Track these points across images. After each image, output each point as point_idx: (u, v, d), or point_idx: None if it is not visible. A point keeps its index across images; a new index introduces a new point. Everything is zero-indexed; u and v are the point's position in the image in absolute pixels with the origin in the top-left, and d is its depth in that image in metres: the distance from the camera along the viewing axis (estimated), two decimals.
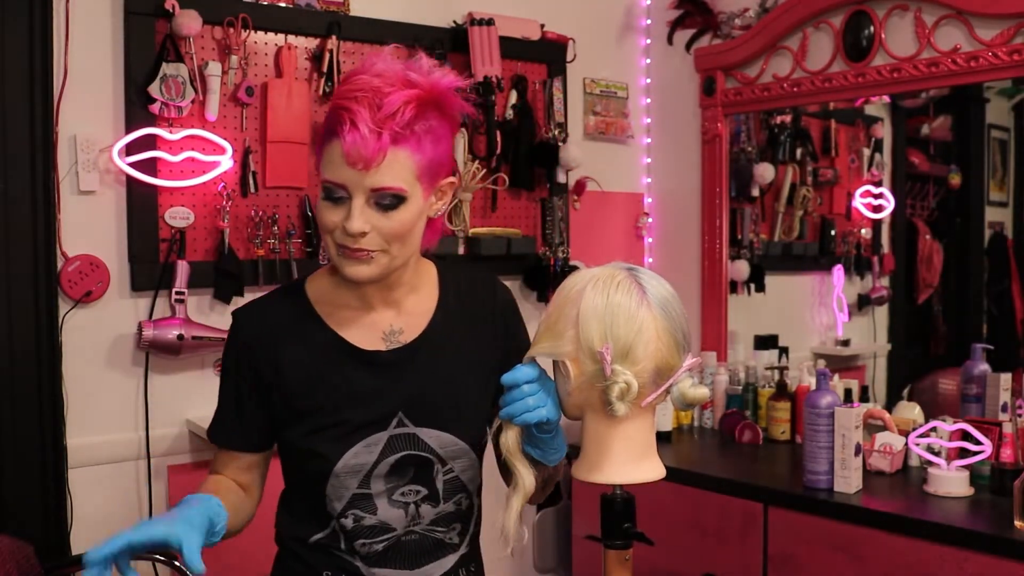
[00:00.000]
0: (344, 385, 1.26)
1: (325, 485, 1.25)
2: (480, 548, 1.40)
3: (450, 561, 1.32)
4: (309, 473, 1.27)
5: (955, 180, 2.95)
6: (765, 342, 3.01)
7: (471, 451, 1.31)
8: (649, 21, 3.22)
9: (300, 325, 1.29)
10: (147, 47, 2.18)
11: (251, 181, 2.33)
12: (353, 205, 1.17)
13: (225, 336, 2.21)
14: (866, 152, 3.08)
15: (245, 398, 1.30)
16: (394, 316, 1.30)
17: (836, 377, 2.61)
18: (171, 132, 2.21)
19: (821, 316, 3.14)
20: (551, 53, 2.92)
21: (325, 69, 2.42)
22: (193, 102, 2.22)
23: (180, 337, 2.17)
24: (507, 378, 1.13)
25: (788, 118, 3.09)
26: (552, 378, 1.16)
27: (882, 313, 3.12)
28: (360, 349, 1.28)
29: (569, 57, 2.96)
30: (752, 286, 3.08)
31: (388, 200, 1.17)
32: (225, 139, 2.27)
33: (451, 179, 1.28)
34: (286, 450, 1.31)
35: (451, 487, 1.30)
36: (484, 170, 2.71)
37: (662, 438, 2.71)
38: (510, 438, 1.15)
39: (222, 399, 1.35)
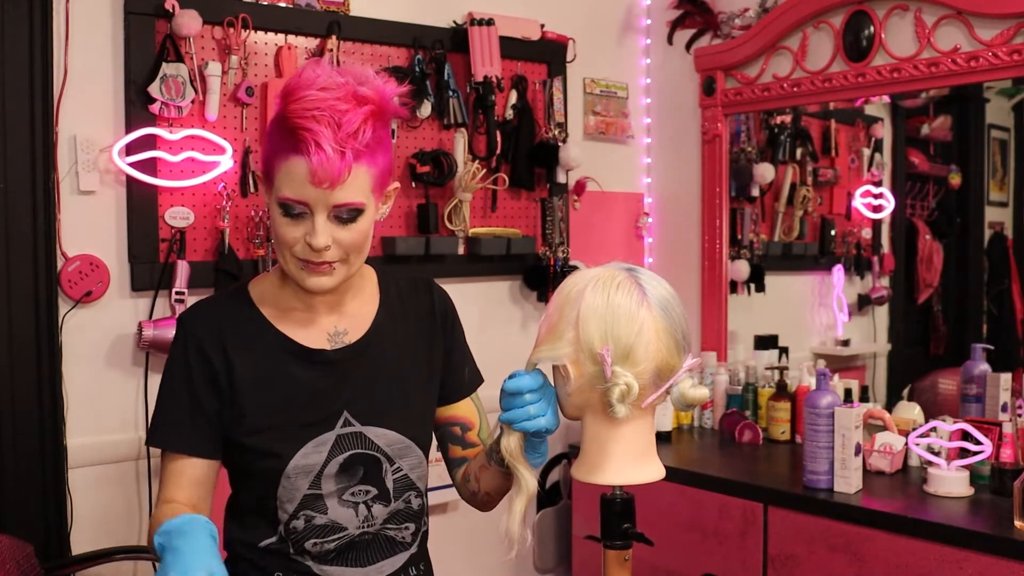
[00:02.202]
0: (292, 384, 1.28)
1: (276, 487, 1.26)
2: (428, 548, 1.42)
3: (401, 559, 1.35)
4: (260, 475, 1.28)
5: (955, 180, 2.95)
6: (765, 342, 3.01)
7: (418, 448, 1.34)
8: (649, 21, 3.22)
9: (247, 326, 1.31)
10: (147, 47, 2.18)
11: (251, 181, 2.33)
12: (316, 221, 1.19)
13: None
14: (866, 152, 3.08)
15: (200, 396, 1.28)
16: (338, 318, 1.34)
17: (836, 377, 2.61)
18: (171, 132, 2.20)
19: (821, 316, 3.14)
20: (551, 53, 2.92)
21: None
22: (193, 102, 2.22)
23: None
24: (510, 385, 1.14)
25: (788, 118, 3.10)
26: (552, 383, 1.16)
27: (882, 313, 3.12)
28: (307, 348, 1.30)
29: (569, 57, 2.96)
30: (752, 286, 3.08)
31: (347, 214, 1.20)
32: (225, 139, 2.27)
33: (395, 184, 1.32)
34: (236, 453, 1.30)
35: (400, 485, 1.33)
36: (484, 170, 2.71)
37: (662, 438, 2.72)
38: (512, 442, 1.16)
39: (167, 403, 1.30)
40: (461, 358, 1.45)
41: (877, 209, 3.09)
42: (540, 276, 2.88)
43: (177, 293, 2.20)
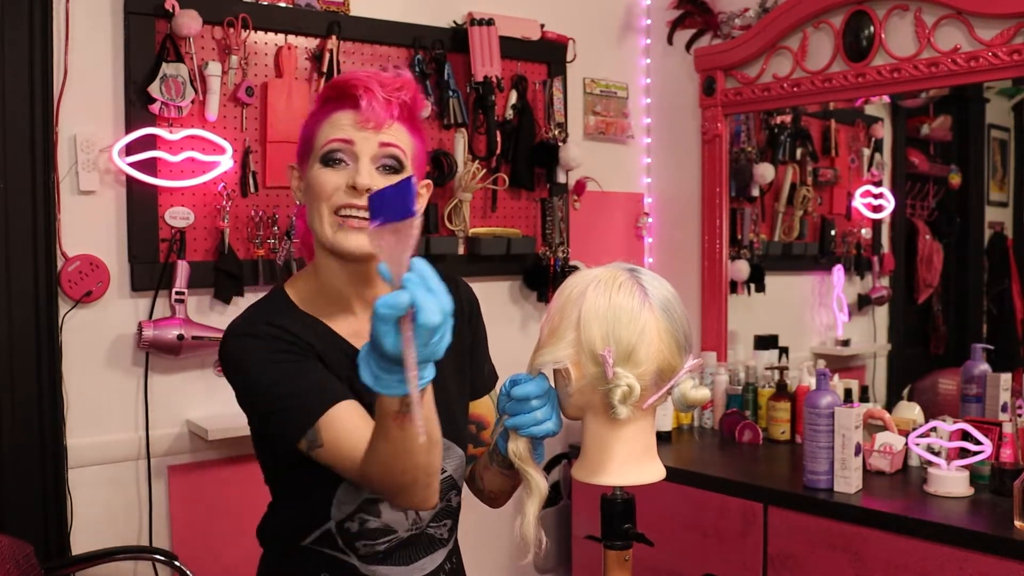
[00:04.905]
0: (353, 385, 1.22)
1: (336, 489, 1.23)
2: (458, 540, 1.42)
3: (440, 556, 1.34)
4: (322, 477, 1.20)
5: (955, 180, 2.95)
6: (765, 342, 3.01)
7: (459, 449, 1.33)
8: (649, 21, 3.22)
9: (308, 329, 1.25)
10: (147, 47, 2.18)
11: (251, 181, 2.33)
12: (360, 164, 1.20)
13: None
14: (866, 152, 3.08)
15: (312, 363, 1.20)
16: None
17: (836, 377, 2.61)
18: (171, 132, 2.20)
19: (821, 316, 3.14)
20: (551, 53, 2.92)
21: (325, 69, 2.42)
22: (193, 102, 2.22)
23: (180, 337, 2.17)
24: (518, 392, 1.13)
25: (788, 118, 3.10)
26: (553, 384, 1.16)
27: (882, 313, 3.12)
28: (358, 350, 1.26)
29: (569, 57, 2.96)
30: (752, 286, 3.09)
31: (392, 162, 1.22)
32: (225, 139, 2.27)
33: (428, 181, 1.32)
34: (296, 453, 1.20)
35: (445, 486, 1.31)
36: (484, 170, 2.71)
37: (662, 438, 2.72)
38: (521, 445, 1.16)
39: (283, 388, 1.17)
40: (483, 355, 1.43)
41: (877, 209, 3.09)
42: (540, 276, 2.88)
43: (177, 293, 2.20)
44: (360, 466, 1.11)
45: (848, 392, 2.46)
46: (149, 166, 2.18)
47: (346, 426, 1.14)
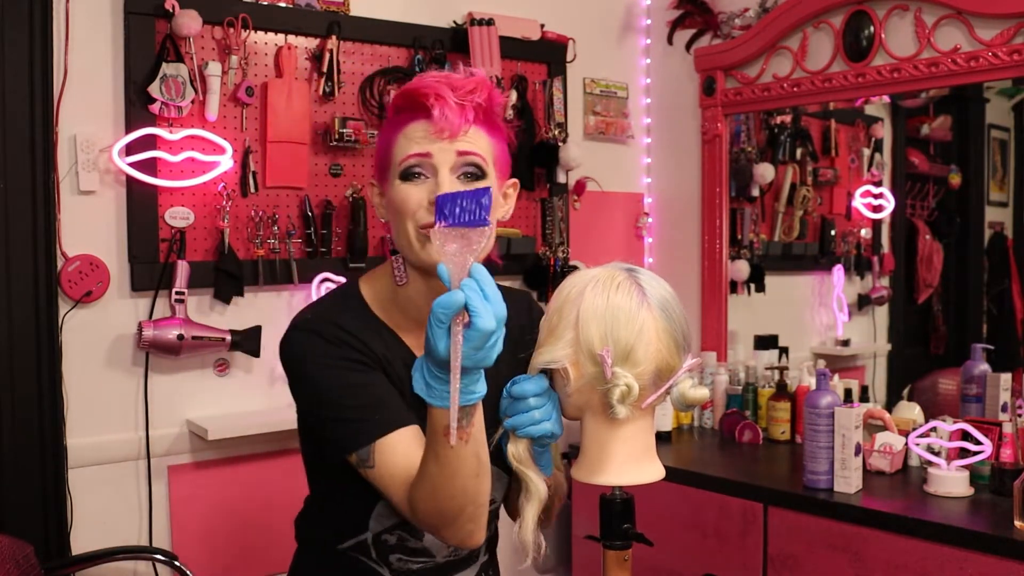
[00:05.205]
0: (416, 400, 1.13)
1: (376, 502, 1.22)
2: (497, 552, 1.41)
3: (472, 571, 1.33)
4: (363, 487, 1.17)
5: (955, 180, 2.95)
6: (765, 342, 3.01)
7: (507, 475, 1.28)
8: (649, 21, 3.22)
9: (377, 337, 1.21)
10: (147, 47, 2.18)
11: (251, 181, 2.33)
12: (440, 176, 1.15)
13: (225, 336, 2.24)
14: (866, 152, 3.08)
15: (377, 377, 1.17)
16: None
17: (836, 377, 2.61)
18: (171, 132, 2.20)
19: (821, 316, 3.14)
20: (551, 53, 2.92)
21: (325, 69, 2.42)
22: (193, 102, 2.22)
23: (180, 337, 2.17)
24: (515, 390, 1.13)
25: (788, 118, 3.10)
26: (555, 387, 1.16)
27: (882, 313, 3.12)
28: None
29: (569, 57, 2.96)
30: (752, 286, 3.08)
31: (472, 169, 1.17)
32: (225, 139, 2.27)
33: (514, 180, 1.28)
34: (344, 461, 1.18)
35: (491, 515, 1.29)
36: None
37: (662, 438, 2.72)
38: (520, 447, 1.15)
39: (348, 399, 1.15)
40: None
41: (877, 209, 3.09)
42: (540, 276, 2.88)
43: (177, 293, 2.20)
44: (409, 492, 1.10)
45: (848, 392, 2.46)
46: (149, 166, 2.18)
47: (401, 453, 1.12)
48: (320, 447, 1.23)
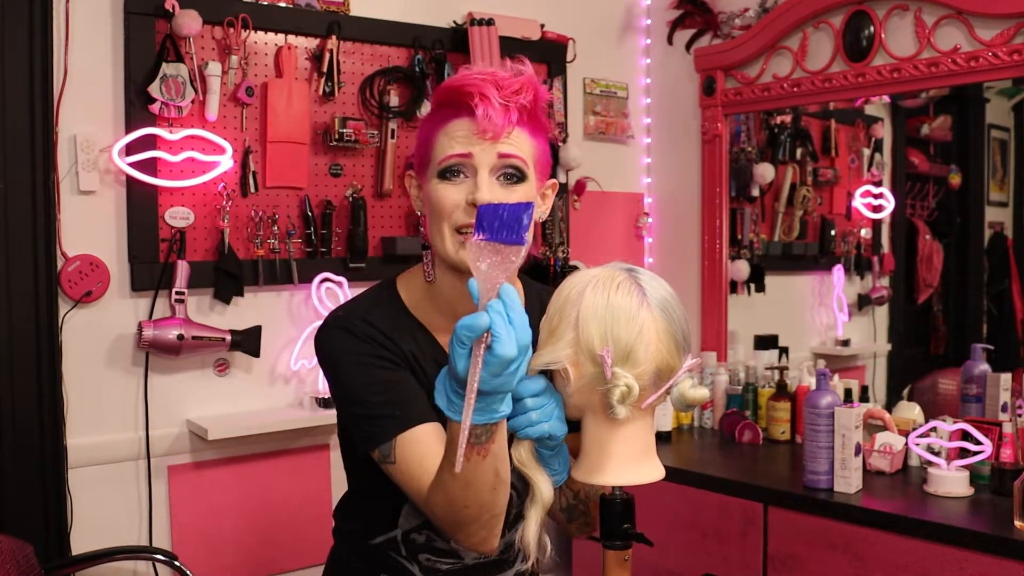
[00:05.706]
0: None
1: (406, 500, 1.22)
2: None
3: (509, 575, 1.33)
4: (393, 484, 1.17)
5: (955, 180, 2.95)
6: (765, 342, 3.01)
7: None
8: (649, 21, 3.22)
9: (410, 337, 1.22)
10: (147, 47, 2.18)
11: (251, 181, 2.33)
12: (480, 177, 1.14)
13: (225, 336, 2.24)
14: (866, 152, 3.08)
15: (405, 375, 1.18)
16: None
17: (836, 377, 2.61)
18: (171, 132, 2.20)
19: (821, 316, 3.14)
20: (551, 53, 2.92)
21: (325, 69, 2.42)
22: (193, 102, 2.23)
23: (180, 337, 2.17)
24: (513, 391, 1.12)
25: (788, 118, 3.09)
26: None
27: (882, 313, 3.12)
28: None
29: (569, 57, 2.96)
30: (752, 286, 3.08)
31: (512, 171, 1.16)
32: (225, 139, 2.27)
33: (553, 180, 1.26)
34: (371, 458, 1.19)
35: (519, 512, 1.28)
36: None
37: (662, 438, 2.72)
38: (522, 449, 1.14)
39: (375, 396, 1.15)
40: None
41: (877, 209, 3.09)
42: (540, 276, 2.88)
43: (177, 293, 2.20)
44: (427, 492, 1.10)
45: (848, 392, 2.46)
46: (149, 166, 2.18)
47: (421, 450, 1.12)
48: (353, 443, 1.24)
